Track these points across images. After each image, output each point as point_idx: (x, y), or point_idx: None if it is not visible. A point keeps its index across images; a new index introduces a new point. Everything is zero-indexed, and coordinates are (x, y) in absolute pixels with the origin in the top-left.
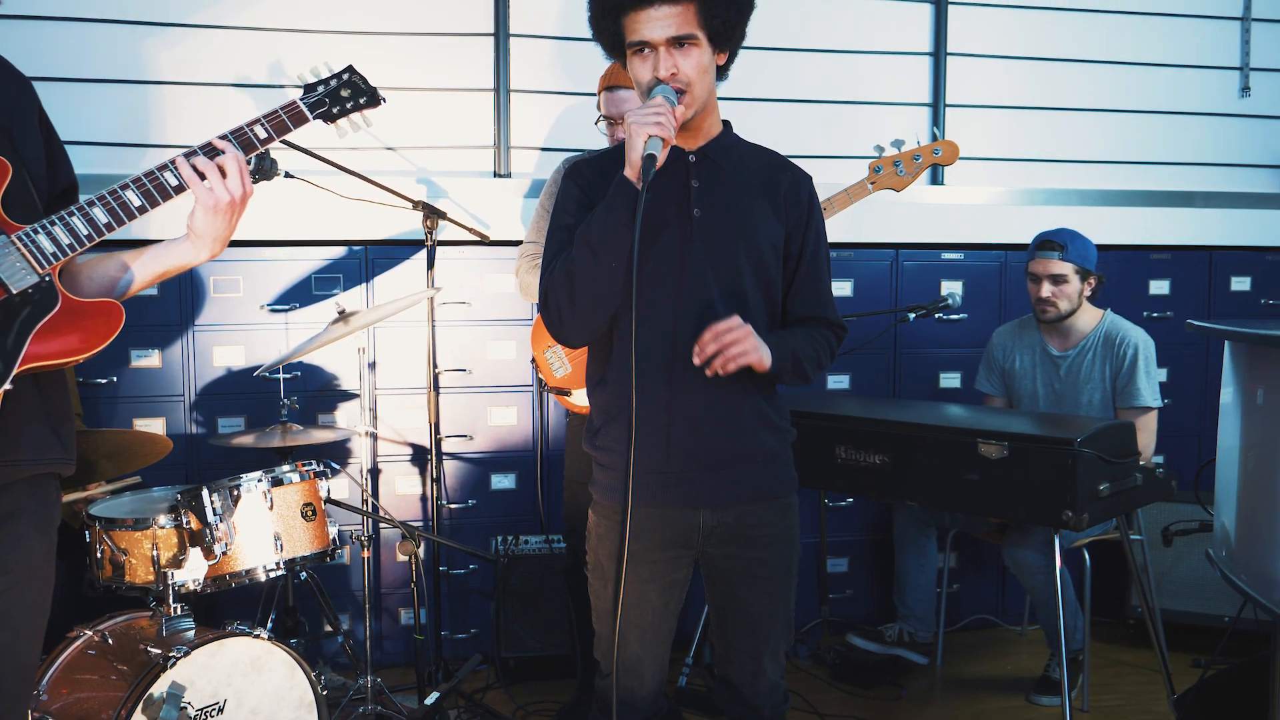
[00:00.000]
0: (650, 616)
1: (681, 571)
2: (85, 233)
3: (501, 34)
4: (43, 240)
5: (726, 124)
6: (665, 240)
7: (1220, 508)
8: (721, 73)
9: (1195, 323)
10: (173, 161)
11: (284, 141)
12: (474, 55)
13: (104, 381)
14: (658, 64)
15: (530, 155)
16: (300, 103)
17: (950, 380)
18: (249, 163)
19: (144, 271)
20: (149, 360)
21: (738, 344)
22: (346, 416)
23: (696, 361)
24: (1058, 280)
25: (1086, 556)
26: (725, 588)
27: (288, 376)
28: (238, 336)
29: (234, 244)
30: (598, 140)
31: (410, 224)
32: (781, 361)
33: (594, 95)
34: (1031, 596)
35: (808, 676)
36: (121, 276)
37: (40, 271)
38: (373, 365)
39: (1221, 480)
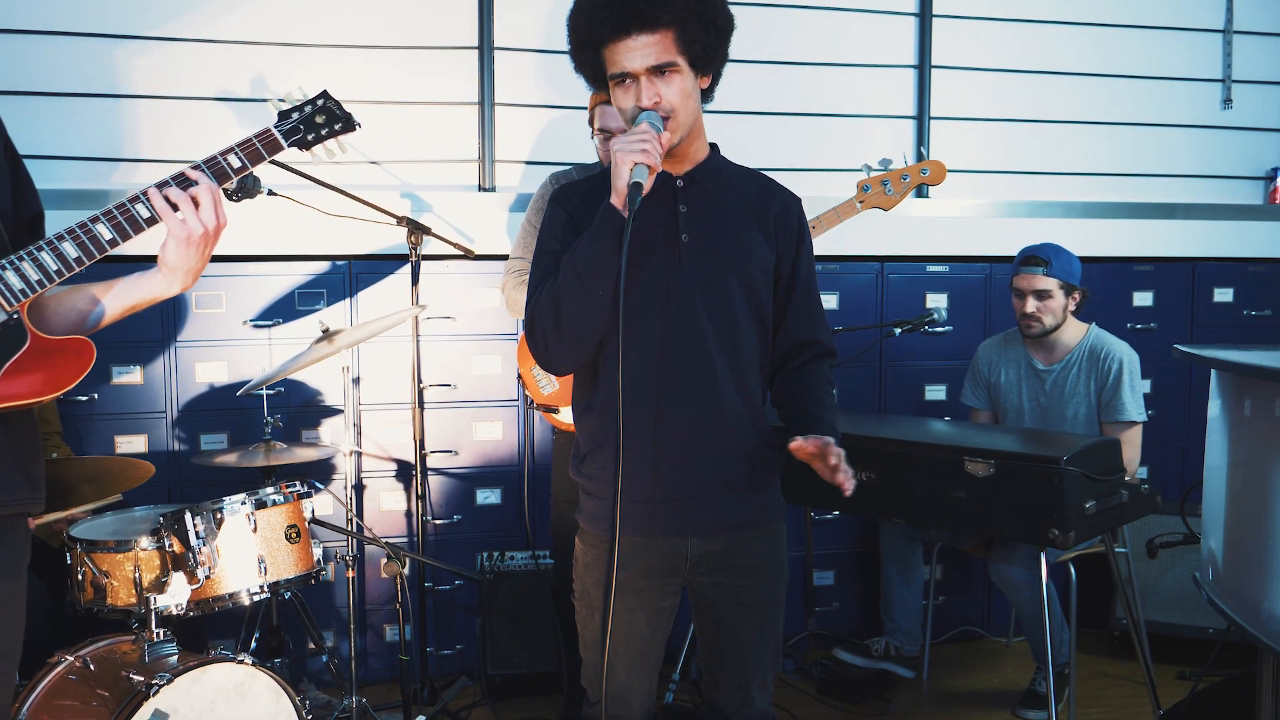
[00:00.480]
0: (638, 644)
1: (669, 599)
2: (54, 268)
3: (486, 47)
4: (10, 277)
5: (714, 147)
6: (653, 266)
7: (1207, 530)
8: (706, 95)
9: (1181, 348)
10: (144, 192)
11: None
12: (458, 68)
13: (84, 399)
14: (640, 93)
15: (515, 169)
16: (275, 130)
17: (936, 393)
18: (230, 183)
19: (114, 305)
20: (130, 377)
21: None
22: (330, 432)
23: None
24: (1042, 296)
25: (1072, 571)
26: (713, 616)
27: (271, 393)
28: (220, 353)
29: (216, 260)
30: (583, 153)
31: (394, 238)
32: None
33: (579, 109)
34: (1018, 611)
35: (794, 691)
36: (91, 310)
37: (8, 309)
38: (357, 381)
39: (1209, 501)
